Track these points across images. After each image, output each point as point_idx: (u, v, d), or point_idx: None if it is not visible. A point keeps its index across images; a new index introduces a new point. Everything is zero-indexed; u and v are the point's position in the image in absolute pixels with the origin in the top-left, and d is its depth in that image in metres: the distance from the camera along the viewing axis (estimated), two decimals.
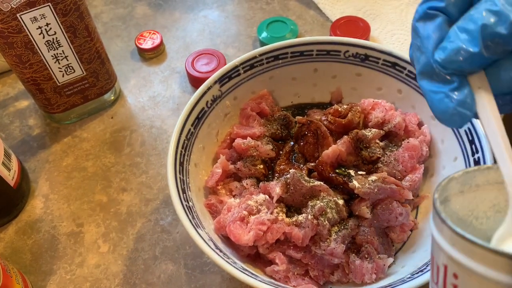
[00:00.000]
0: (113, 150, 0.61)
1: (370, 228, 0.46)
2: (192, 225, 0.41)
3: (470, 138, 0.45)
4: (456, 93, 0.28)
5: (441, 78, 0.28)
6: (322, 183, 0.46)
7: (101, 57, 0.59)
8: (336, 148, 0.48)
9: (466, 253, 0.24)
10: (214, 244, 0.42)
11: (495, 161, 0.28)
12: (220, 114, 0.53)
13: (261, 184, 0.48)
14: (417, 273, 0.41)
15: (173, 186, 0.44)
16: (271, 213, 0.45)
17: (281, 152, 0.52)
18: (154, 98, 0.66)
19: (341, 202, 0.45)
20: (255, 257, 0.46)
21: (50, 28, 0.52)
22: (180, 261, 0.52)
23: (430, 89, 0.29)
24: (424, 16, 0.29)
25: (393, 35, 0.69)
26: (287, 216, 0.45)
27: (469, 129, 0.45)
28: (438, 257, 0.26)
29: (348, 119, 0.51)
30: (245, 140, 0.50)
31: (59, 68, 0.56)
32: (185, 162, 0.47)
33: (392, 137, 0.51)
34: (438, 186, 0.28)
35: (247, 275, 0.39)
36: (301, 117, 0.52)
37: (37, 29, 0.51)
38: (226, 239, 0.46)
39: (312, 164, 0.49)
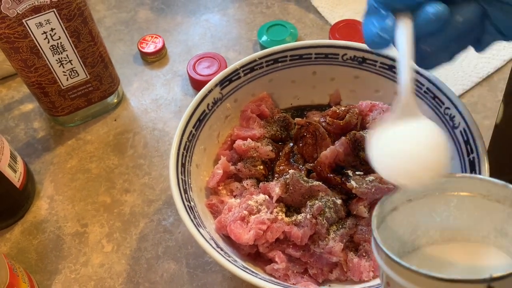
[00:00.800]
0: (117, 152, 0.62)
1: (368, 227, 0.46)
2: (194, 224, 0.42)
3: (465, 139, 0.45)
4: (380, 20, 0.34)
5: (373, 12, 0.34)
6: (320, 183, 0.47)
7: (105, 61, 0.60)
8: (334, 149, 0.48)
9: (393, 269, 0.27)
10: (215, 243, 0.43)
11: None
12: (221, 116, 0.54)
13: (261, 184, 0.49)
14: None
15: (175, 187, 0.44)
16: (271, 213, 0.46)
17: (280, 153, 0.53)
18: (157, 101, 0.67)
19: (339, 201, 0.46)
20: (255, 255, 0.47)
21: (55, 33, 0.53)
22: (182, 260, 0.52)
23: (365, 21, 0.35)
24: None
25: None
26: (286, 216, 0.46)
27: (464, 129, 0.46)
28: (379, 265, 0.30)
29: (346, 120, 0.51)
30: (245, 142, 0.51)
31: (63, 72, 0.57)
32: (186, 163, 0.48)
33: None
34: (380, 201, 0.32)
35: (248, 273, 0.40)
36: (300, 119, 0.53)
37: (42, 34, 0.52)
38: (227, 239, 0.46)
39: (311, 164, 0.50)
